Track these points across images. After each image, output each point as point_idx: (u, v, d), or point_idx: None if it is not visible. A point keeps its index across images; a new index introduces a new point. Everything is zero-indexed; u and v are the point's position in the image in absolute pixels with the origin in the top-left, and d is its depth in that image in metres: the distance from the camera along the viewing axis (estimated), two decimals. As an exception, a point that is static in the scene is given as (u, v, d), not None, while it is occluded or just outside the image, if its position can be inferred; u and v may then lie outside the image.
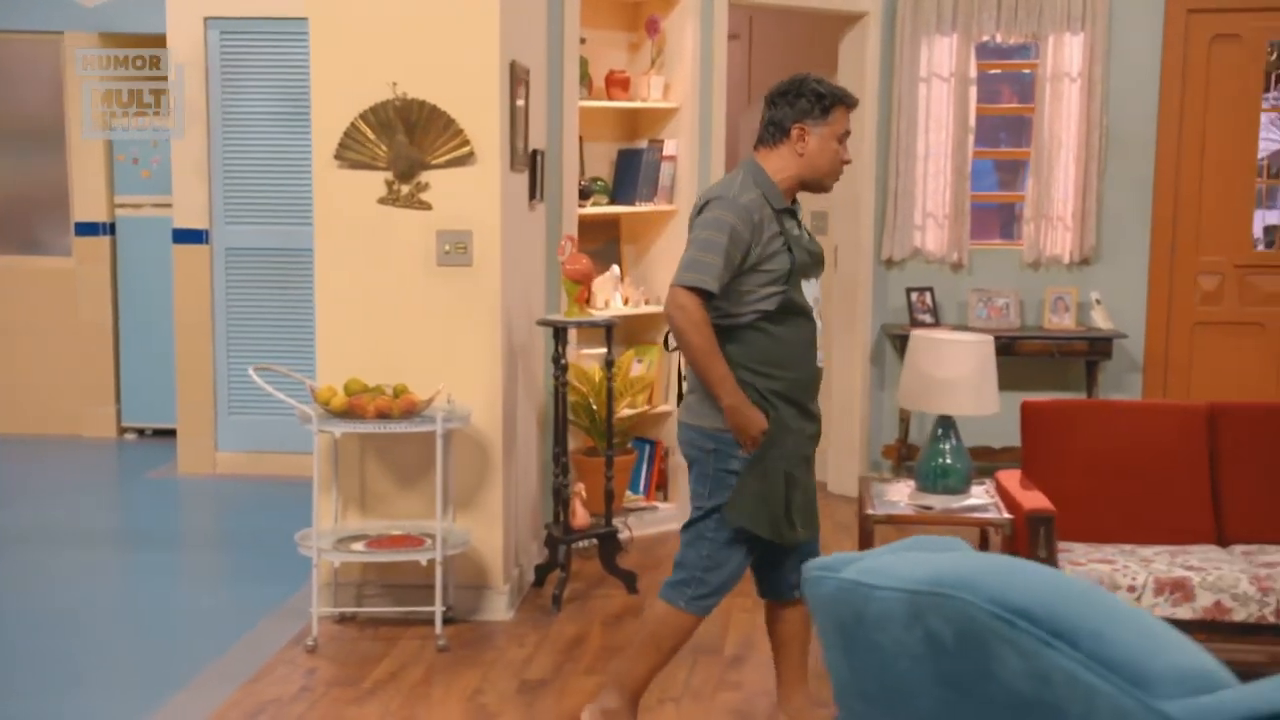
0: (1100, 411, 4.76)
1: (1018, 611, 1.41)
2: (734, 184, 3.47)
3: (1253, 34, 6.68)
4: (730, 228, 3.36)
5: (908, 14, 6.76)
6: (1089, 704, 1.33)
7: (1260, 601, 3.96)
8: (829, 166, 3.52)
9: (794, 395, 3.49)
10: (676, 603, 3.58)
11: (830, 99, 3.49)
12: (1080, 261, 6.90)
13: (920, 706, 1.57)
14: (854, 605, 1.63)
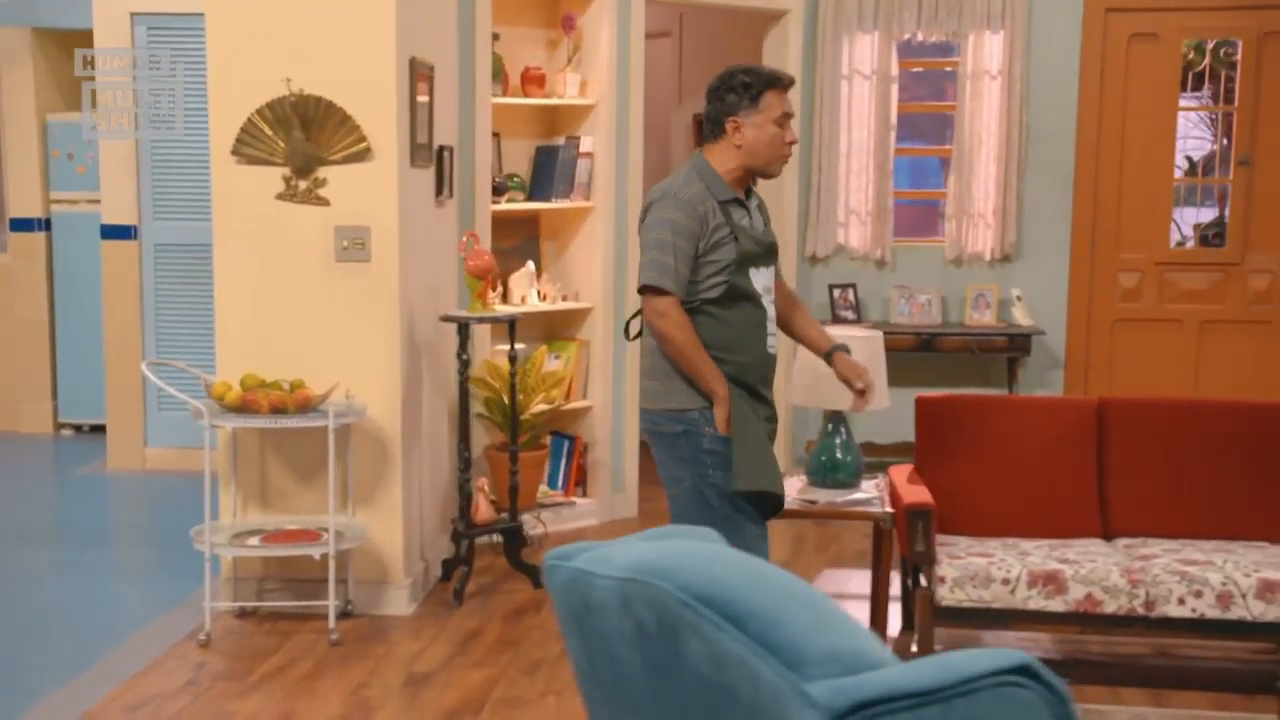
0: (993, 406, 4.80)
1: (700, 598, 1.44)
2: (678, 180, 3.52)
3: (1170, 33, 6.74)
4: (674, 224, 3.42)
5: (829, 12, 6.80)
6: (754, 686, 1.37)
7: (1130, 594, 4.00)
8: (771, 152, 3.55)
9: (743, 378, 3.52)
10: None
11: (758, 85, 3.51)
12: (1002, 258, 6.95)
13: (638, 694, 1.60)
14: (582, 593, 1.66)
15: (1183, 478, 4.50)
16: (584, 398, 6.36)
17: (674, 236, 3.40)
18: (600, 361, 6.32)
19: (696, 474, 3.54)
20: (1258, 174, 6.79)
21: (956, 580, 4.07)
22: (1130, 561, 4.12)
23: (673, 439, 3.54)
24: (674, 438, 3.53)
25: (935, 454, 4.63)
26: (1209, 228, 7.75)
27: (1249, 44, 6.69)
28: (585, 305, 6.29)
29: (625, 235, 6.32)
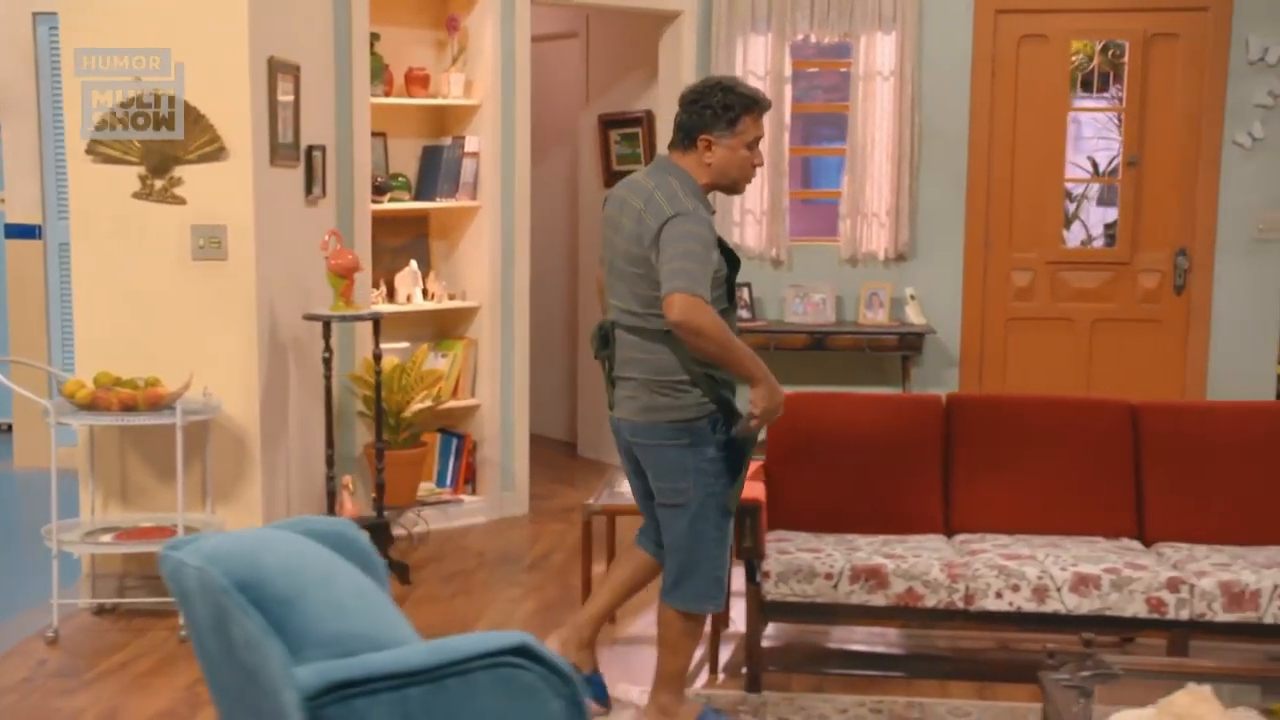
0: (842, 403, 4.85)
1: (238, 583, 1.49)
2: (679, 196, 3.43)
3: (1058, 35, 6.79)
4: (702, 239, 3.37)
5: (723, 13, 6.84)
6: (266, 668, 1.41)
7: (949, 588, 4.06)
8: (739, 174, 3.54)
9: (734, 382, 3.58)
10: (705, 608, 3.69)
11: (738, 108, 3.47)
12: (896, 257, 7.00)
13: (224, 677, 1.64)
14: (180, 582, 1.71)
15: (1023, 474, 4.56)
16: (472, 396, 6.40)
17: (702, 248, 3.37)
18: (488, 360, 6.36)
19: (700, 485, 3.56)
20: (1146, 174, 6.85)
21: (781, 575, 4.12)
22: (956, 556, 4.17)
23: (679, 452, 3.54)
24: (681, 450, 3.53)
25: (785, 451, 4.68)
26: (1113, 227, 7.81)
27: (1135, 46, 6.75)
28: (472, 304, 6.34)
29: (512, 235, 6.37)
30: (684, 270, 3.34)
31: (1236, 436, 4.54)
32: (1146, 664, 3.30)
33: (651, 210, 3.45)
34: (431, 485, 6.31)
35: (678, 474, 3.58)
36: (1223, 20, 6.64)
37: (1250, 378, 6.84)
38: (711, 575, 3.64)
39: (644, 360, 3.56)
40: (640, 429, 3.59)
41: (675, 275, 3.35)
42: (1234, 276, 6.83)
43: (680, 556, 3.65)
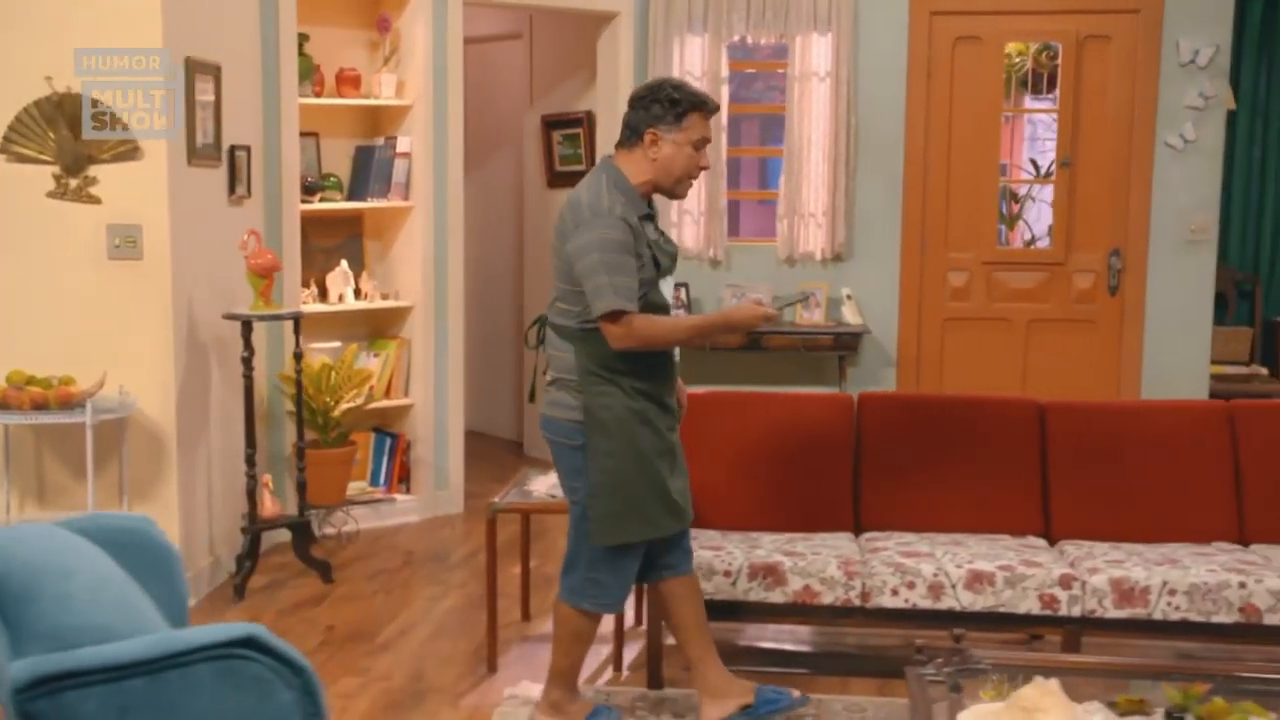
0: (756, 402, 4.87)
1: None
2: (600, 194, 3.47)
3: (992, 37, 6.83)
4: (605, 242, 3.39)
5: (660, 14, 6.87)
6: (5, 660, 1.42)
7: (846, 585, 4.08)
8: (682, 172, 3.53)
9: (653, 391, 3.56)
10: (580, 605, 3.68)
11: (685, 105, 3.48)
12: (833, 258, 7.03)
13: None
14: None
15: (933, 473, 4.58)
16: (405, 395, 6.42)
17: (616, 254, 3.38)
18: (422, 359, 6.38)
19: (586, 489, 3.59)
20: (1079, 176, 6.89)
21: (680, 572, 4.13)
22: (855, 554, 4.20)
23: (571, 452, 3.57)
24: (573, 451, 3.57)
25: (696, 447, 4.69)
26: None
27: (1068, 47, 6.79)
28: (405, 304, 6.36)
29: (445, 235, 6.39)
30: (605, 287, 3.37)
31: (1143, 435, 4.57)
32: (1015, 659, 3.32)
33: (571, 207, 3.50)
34: (364, 484, 6.33)
35: (571, 473, 3.62)
36: (1153, 23, 6.68)
37: (1184, 376, 6.89)
38: (588, 575, 3.65)
39: (555, 357, 3.61)
40: (546, 423, 3.64)
41: (599, 293, 3.39)
42: (1167, 277, 6.87)
43: (569, 551, 3.71)
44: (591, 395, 3.51)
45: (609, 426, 3.50)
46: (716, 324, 3.61)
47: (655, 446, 3.56)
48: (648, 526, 3.58)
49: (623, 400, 3.51)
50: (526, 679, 4.26)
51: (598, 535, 3.58)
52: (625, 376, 3.50)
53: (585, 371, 3.51)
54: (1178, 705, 2.75)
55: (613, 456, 3.51)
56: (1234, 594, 3.96)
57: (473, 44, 8.35)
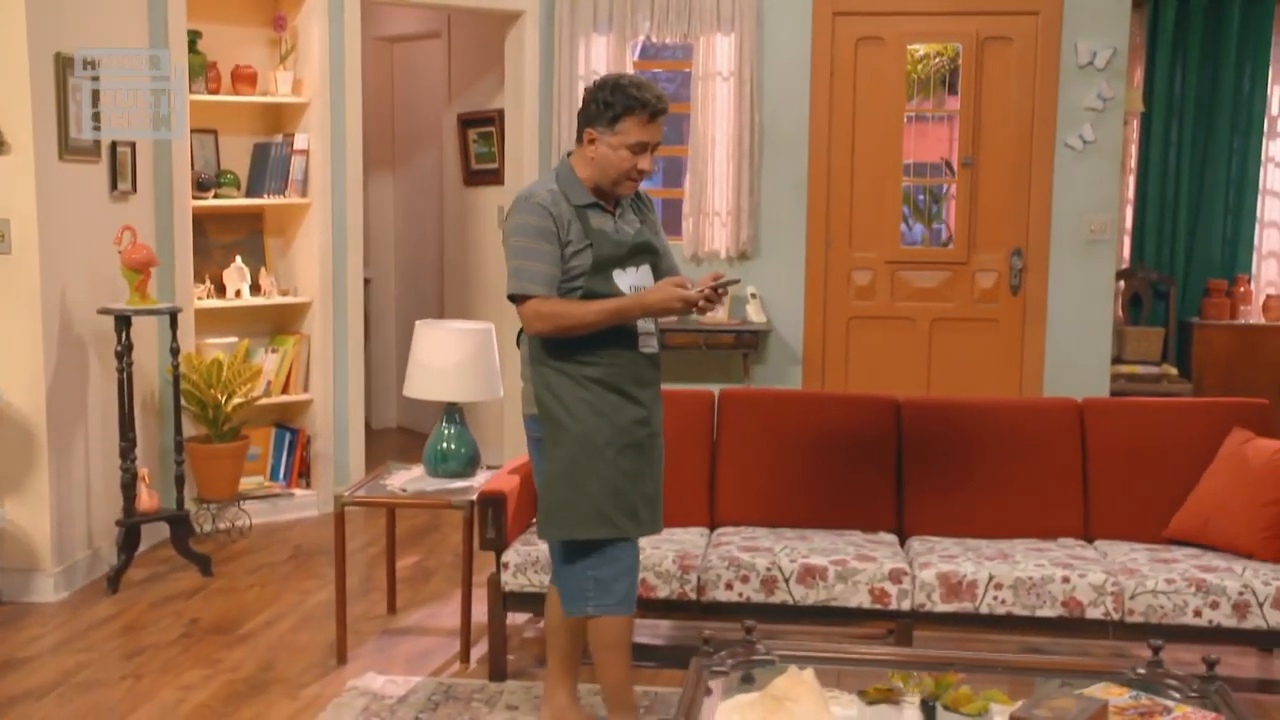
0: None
1: None
2: (536, 183, 3.51)
3: (894, 38, 6.87)
4: (526, 227, 3.37)
5: (565, 13, 6.91)
6: None
7: (681, 580, 4.13)
8: (618, 174, 3.43)
9: (613, 381, 3.46)
10: (584, 611, 3.52)
11: (619, 108, 3.38)
12: (739, 256, 7.07)
13: None
14: None
15: (789, 469, 4.63)
16: (305, 391, 6.46)
17: (530, 240, 3.37)
18: (321, 355, 6.43)
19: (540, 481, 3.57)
20: (981, 175, 6.93)
21: (519, 566, 4.19)
22: (694, 549, 4.24)
23: (536, 443, 3.55)
24: (536, 442, 3.55)
25: (559, 445, 4.74)
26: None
27: (969, 48, 6.83)
28: (304, 300, 6.40)
29: (344, 232, 6.44)
30: (515, 270, 3.40)
31: (995, 431, 4.62)
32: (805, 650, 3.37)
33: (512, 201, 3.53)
34: (261, 479, 6.37)
35: (538, 469, 3.58)
36: (1052, 25, 6.73)
37: (1085, 375, 6.93)
38: (587, 574, 3.49)
39: (520, 352, 3.60)
40: (524, 419, 3.62)
41: (509, 278, 3.41)
42: (1068, 276, 6.91)
43: (552, 554, 3.62)
44: (540, 385, 3.47)
45: (557, 417, 3.44)
46: (631, 308, 3.41)
47: (614, 440, 3.45)
48: (600, 524, 3.43)
49: (573, 390, 3.44)
50: (373, 671, 4.30)
51: (544, 529, 3.49)
52: (571, 364, 3.44)
53: (535, 361, 3.48)
54: (931, 694, 2.80)
55: (562, 446, 3.44)
56: (1057, 588, 4.00)
57: (398, 43, 8.44)
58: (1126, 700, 2.94)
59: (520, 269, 3.39)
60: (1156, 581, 3.97)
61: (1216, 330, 7.68)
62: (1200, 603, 3.94)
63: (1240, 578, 3.97)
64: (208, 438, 5.95)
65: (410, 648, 4.57)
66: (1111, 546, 4.36)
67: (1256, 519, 4.13)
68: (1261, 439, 4.33)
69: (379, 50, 8.57)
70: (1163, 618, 3.95)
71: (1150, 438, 4.54)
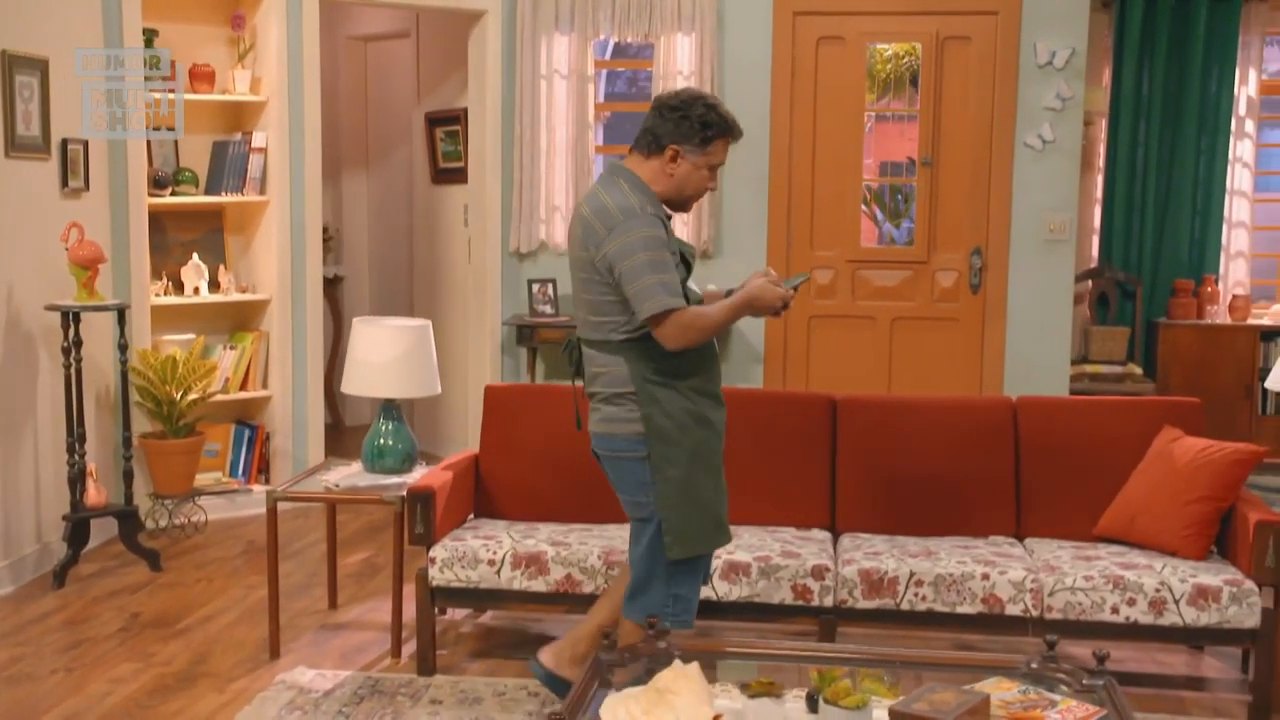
0: (554, 395, 4.93)
1: None
2: (626, 195, 3.39)
3: (854, 37, 6.89)
4: (657, 239, 3.33)
5: (527, 13, 6.94)
6: None
7: (606, 575, 4.16)
8: (694, 192, 3.46)
9: (708, 388, 3.48)
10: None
11: (715, 130, 3.40)
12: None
13: None
14: None
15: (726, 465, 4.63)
16: (263, 388, 6.50)
17: (656, 252, 3.31)
18: (279, 352, 6.47)
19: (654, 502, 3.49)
20: (942, 175, 6.95)
21: (446, 561, 4.22)
22: (620, 544, 4.26)
23: (636, 464, 3.47)
24: (637, 463, 3.46)
25: (496, 441, 4.78)
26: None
27: (928, 48, 6.85)
28: (262, 297, 6.44)
29: (303, 230, 6.48)
30: (650, 287, 3.29)
31: (930, 430, 4.64)
32: (709, 646, 3.40)
33: (597, 214, 3.40)
34: (220, 475, 6.41)
35: (636, 487, 3.50)
36: (1011, 24, 6.75)
37: (1045, 373, 6.94)
38: (670, 592, 3.50)
39: (602, 373, 3.50)
40: (601, 440, 3.55)
41: (648, 294, 3.29)
42: (1027, 275, 6.92)
43: (637, 570, 3.56)
44: (650, 404, 3.41)
45: (670, 434, 3.41)
46: (742, 307, 3.43)
47: (716, 446, 3.50)
48: (720, 532, 3.49)
49: (679, 402, 3.42)
50: (304, 665, 4.33)
51: (675, 548, 3.43)
52: (680, 379, 3.42)
53: (642, 380, 3.41)
54: (816, 687, 2.82)
55: (677, 465, 3.41)
56: (977, 585, 4.02)
57: (370, 42, 8.49)
58: (1015, 694, 2.96)
59: (659, 284, 3.29)
60: (1075, 579, 3.99)
61: (1182, 330, 7.68)
62: (1118, 600, 3.96)
63: (1159, 575, 3.98)
64: (163, 434, 5.99)
65: (345, 643, 4.60)
66: (1040, 544, 4.38)
67: (1179, 517, 4.14)
68: (1189, 437, 4.34)
69: (353, 49, 8.62)
70: (1081, 614, 3.97)
71: (1083, 436, 4.55)
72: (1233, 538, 4.11)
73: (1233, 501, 4.15)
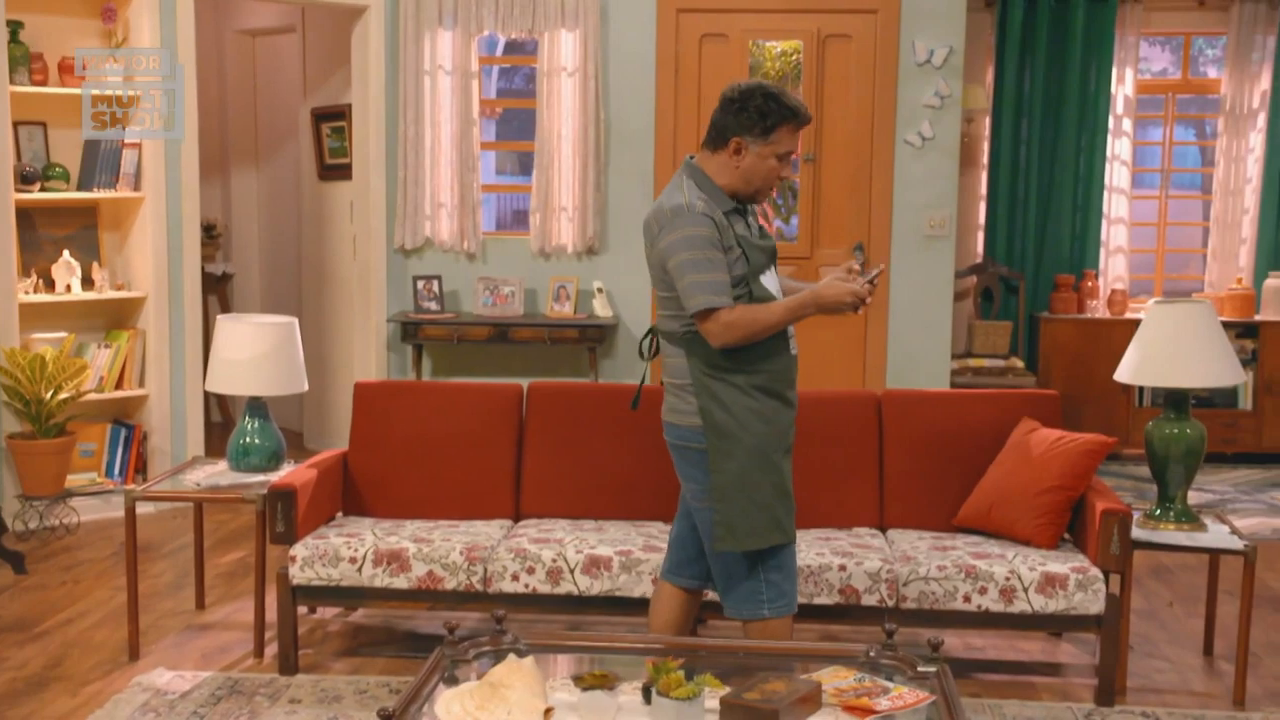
0: (425, 391, 4.93)
1: None
2: (682, 193, 3.38)
3: (737, 35, 6.94)
4: (694, 239, 3.31)
5: (410, 8, 6.90)
6: None
7: (468, 571, 4.15)
8: (762, 183, 3.42)
9: (773, 387, 3.44)
10: (760, 614, 3.49)
11: (775, 117, 3.34)
12: (586, 251, 7.11)
13: None
14: None
15: (592, 461, 4.66)
16: (140, 386, 6.40)
17: (704, 251, 3.30)
18: (157, 350, 6.37)
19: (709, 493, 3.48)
20: (824, 171, 7.02)
21: (307, 560, 4.19)
22: (490, 541, 4.26)
23: (695, 454, 3.46)
24: (696, 453, 3.46)
25: (370, 436, 4.75)
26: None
27: (810, 46, 6.92)
28: (138, 295, 6.34)
29: (180, 226, 6.39)
30: (693, 285, 3.30)
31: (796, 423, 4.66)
32: (552, 638, 3.41)
33: (655, 213, 3.44)
34: (95, 475, 6.30)
35: (694, 476, 3.50)
36: (890, 23, 6.83)
37: (927, 368, 7.05)
38: (762, 579, 3.47)
39: (669, 363, 3.52)
40: (666, 428, 3.56)
41: (690, 292, 3.31)
42: (909, 271, 7.02)
43: (715, 565, 3.54)
44: (707, 398, 3.40)
45: (728, 428, 3.39)
46: (807, 304, 3.40)
47: (779, 445, 3.46)
48: (775, 530, 3.43)
49: (741, 400, 3.40)
50: (163, 666, 4.27)
51: (723, 540, 3.42)
52: (740, 374, 3.39)
53: (698, 373, 3.41)
54: (651, 678, 2.84)
55: (733, 459, 3.40)
56: (834, 576, 4.07)
57: (259, 36, 8.37)
58: (850, 682, 3.00)
59: (700, 283, 3.29)
60: (929, 569, 4.05)
61: (1063, 324, 7.85)
62: (970, 589, 4.03)
63: (1009, 564, 4.06)
64: (32, 434, 5.87)
65: (209, 643, 4.55)
66: (901, 535, 4.44)
67: (1033, 506, 4.23)
68: (1045, 429, 4.43)
69: (241, 44, 8.50)
70: (934, 604, 4.03)
71: (945, 428, 4.62)
72: (1082, 526, 4.21)
73: (1084, 491, 4.24)
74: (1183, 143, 9.35)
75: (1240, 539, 4.18)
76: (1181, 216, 8.70)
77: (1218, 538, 4.21)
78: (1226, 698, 4.15)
